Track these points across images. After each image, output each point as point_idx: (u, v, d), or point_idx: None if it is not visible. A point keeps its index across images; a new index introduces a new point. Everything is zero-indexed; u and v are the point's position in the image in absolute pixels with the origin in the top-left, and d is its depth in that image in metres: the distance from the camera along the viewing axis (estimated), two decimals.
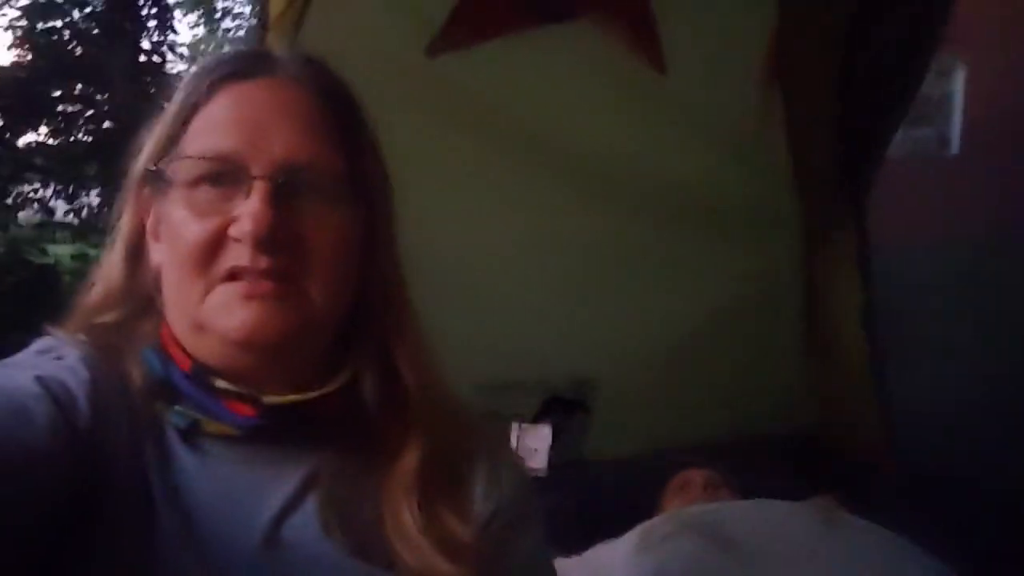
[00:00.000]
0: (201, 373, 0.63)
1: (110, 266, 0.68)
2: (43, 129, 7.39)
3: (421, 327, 0.70)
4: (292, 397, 0.63)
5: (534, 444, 2.13)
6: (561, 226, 1.92)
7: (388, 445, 0.66)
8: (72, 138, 7.57)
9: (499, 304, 1.94)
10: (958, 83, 5.98)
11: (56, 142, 7.44)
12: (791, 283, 2.04)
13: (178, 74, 7.97)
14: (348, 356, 0.66)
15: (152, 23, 7.77)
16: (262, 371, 0.63)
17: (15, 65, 7.33)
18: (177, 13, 7.77)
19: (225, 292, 0.61)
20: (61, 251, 6.95)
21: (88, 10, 7.51)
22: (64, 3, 7.54)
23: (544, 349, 2.02)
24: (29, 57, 7.42)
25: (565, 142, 1.80)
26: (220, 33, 10.36)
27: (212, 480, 0.62)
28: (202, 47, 10.27)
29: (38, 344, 0.67)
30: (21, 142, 7.20)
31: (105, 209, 6.54)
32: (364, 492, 0.64)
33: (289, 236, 0.61)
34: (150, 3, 7.56)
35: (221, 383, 0.62)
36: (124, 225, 0.68)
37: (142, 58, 7.63)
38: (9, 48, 7.68)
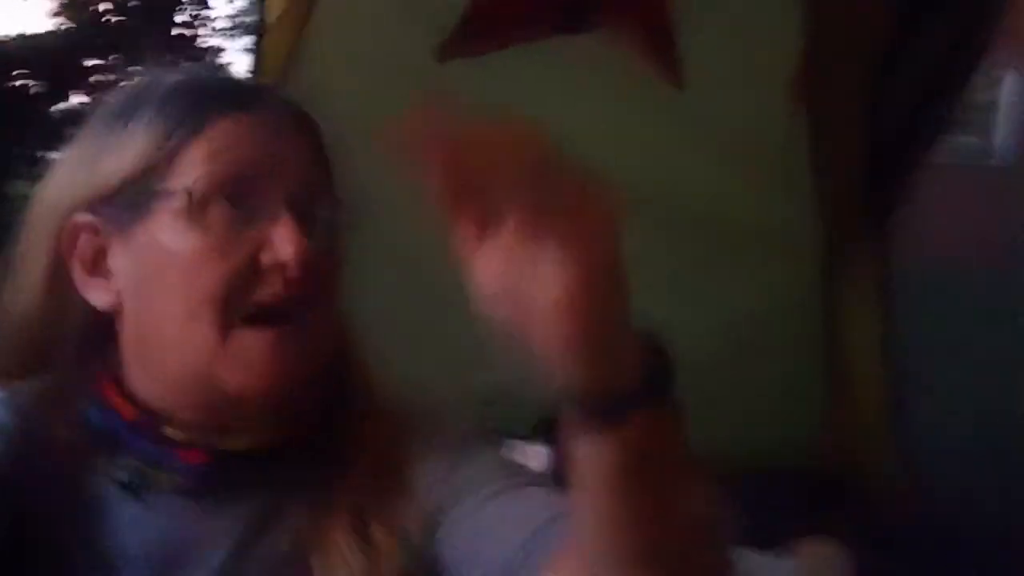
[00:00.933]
0: (149, 422, 0.59)
1: (21, 313, 0.62)
2: (75, 99, 7.49)
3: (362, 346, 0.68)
4: (247, 442, 0.60)
5: (530, 463, 2.09)
6: None
7: (331, 466, 0.63)
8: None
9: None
10: (1005, 90, 5.78)
11: (88, 112, 7.51)
12: (810, 307, 1.95)
13: (209, 48, 8.01)
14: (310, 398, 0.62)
15: None
16: (228, 419, 0.60)
17: (53, 33, 7.42)
18: None
19: (251, 340, 0.57)
20: None
21: None
22: None
23: (543, 366, 1.97)
24: (67, 25, 7.50)
25: (576, 154, 1.73)
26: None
27: (149, 534, 0.59)
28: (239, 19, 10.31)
29: None
30: (54, 112, 7.31)
31: None
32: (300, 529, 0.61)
33: (315, 271, 0.59)
34: None
35: (171, 431, 0.59)
36: (34, 264, 0.62)
37: (175, 31, 7.67)
38: (50, 16, 7.77)
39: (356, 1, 1.45)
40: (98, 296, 0.61)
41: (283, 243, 0.57)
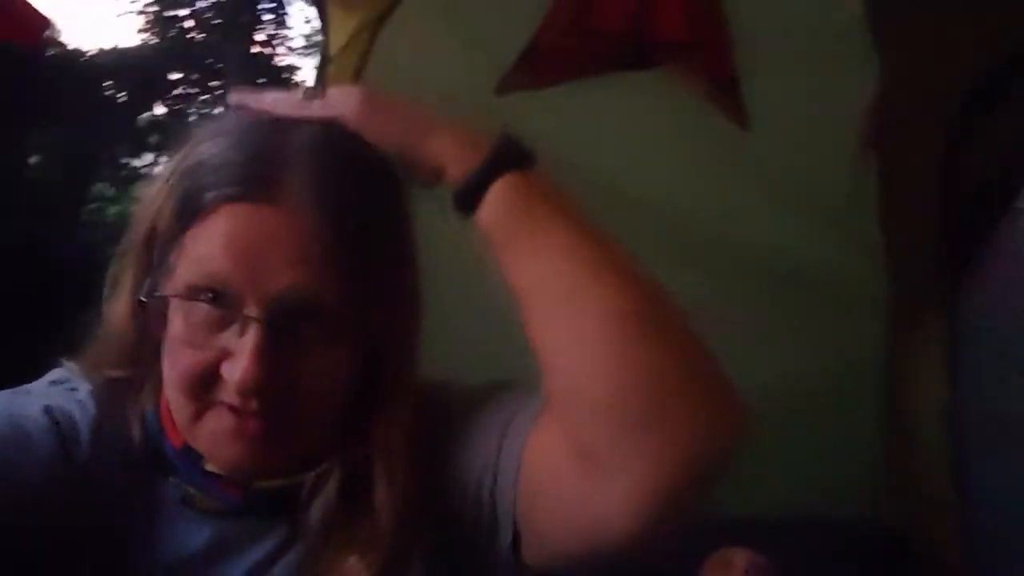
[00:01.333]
0: (191, 455, 0.63)
1: (117, 320, 0.66)
2: (159, 109, 7.86)
3: (410, 441, 0.65)
4: (279, 482, 0.63)
5: None
6: None
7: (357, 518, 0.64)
8: (185, 119, 8.01)
9: None
10: None
11: (170, 122, 7.89)
12: (873, 363, 1.86)
13: (287, 66, 8.28)
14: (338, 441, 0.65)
15: (267, 17, 8.11)
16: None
17: (141, 47, 7.82)
18: (290, 10, 8.10)
19: (216, 421, 0.60)
20: None
21: (212, 1, 7.92)
22: None
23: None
24: (154, 41, 7.89)
25: (635, 192, 1.70)
26: None
27: (191, 542, 0.63)
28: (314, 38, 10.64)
29: (52, 374, 0.68)
30: (139, 121, 7.68)
31: None
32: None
33: (281, 379, 0.59)
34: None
35: (210, 467, 0.63)
36: (129, 279, 0.65)
37: (254, 49, 7.97)
38: (139, 31, 8.19)
39: (417, 33, 1.46)
40: (155, 319, 0.63)
41: (237, 366, 0.57)
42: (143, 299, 0.62)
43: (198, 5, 7.89)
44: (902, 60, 1.36)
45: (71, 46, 7.39)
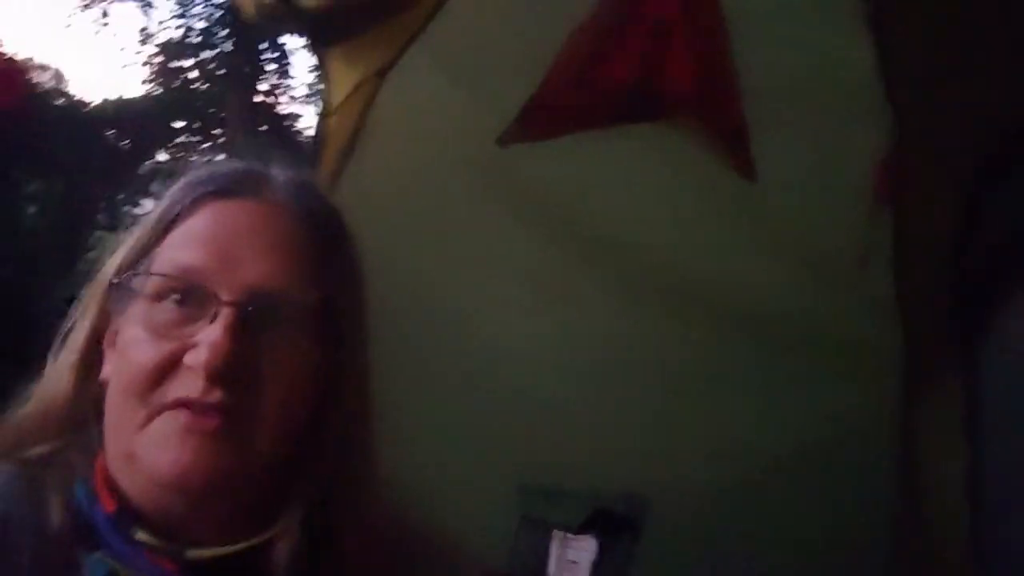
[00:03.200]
0: (124, 519, 0.59)
1: (55, 379, 0.64)
2: (161, 157, 7.93)
3: (377, 474, 0.66)
4: (216, 551, 0.59)
5: (575, 556, 1.98)
6: (630, 333, 1.78)
7: None
8: (186, 166, 8.06)
9: (554, 406, 1.81)
10: None
11: (172, 170, 7.93)
12: (886, 428, 1.80)
13: (289, 114, 8.39)
14: (287, 502, 0.61)
15: (271, 67, 8.25)
16: (190, 514, 0.60)
17: (144, 98, 7.93)
18: (293, 59, 8.26)
19: (166, 421, 0.57)
20: None
21: (216, 51, 8.05)
22: (196, 44, 8.12)
23: (598, 460, 1.87)
24: (158, 92, 8.00)
25: (640, 246, 1.67)
26: None
27: None
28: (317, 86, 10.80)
29: None
30: (141, 169, 7.73)
31: None
32: None
33: (247, 370, 0.58)
34: (270, 49, 8.02)
35: (142, 535, 0.59)
36: (79, 334, 0.65)
37: (257, 98, 8.08)
38: (143, 82, 8.31)
39: (420, 84, 1.44)
40: (106, 370, 0.63)
41: (202, 348, 0.56)
42: (115, 281, 0.61)
43: (202, 55, 8.03)
44: (914, 115, 1.33)
45: (76, 97, 7.49)
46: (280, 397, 0.59)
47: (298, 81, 8.38)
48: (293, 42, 8.02)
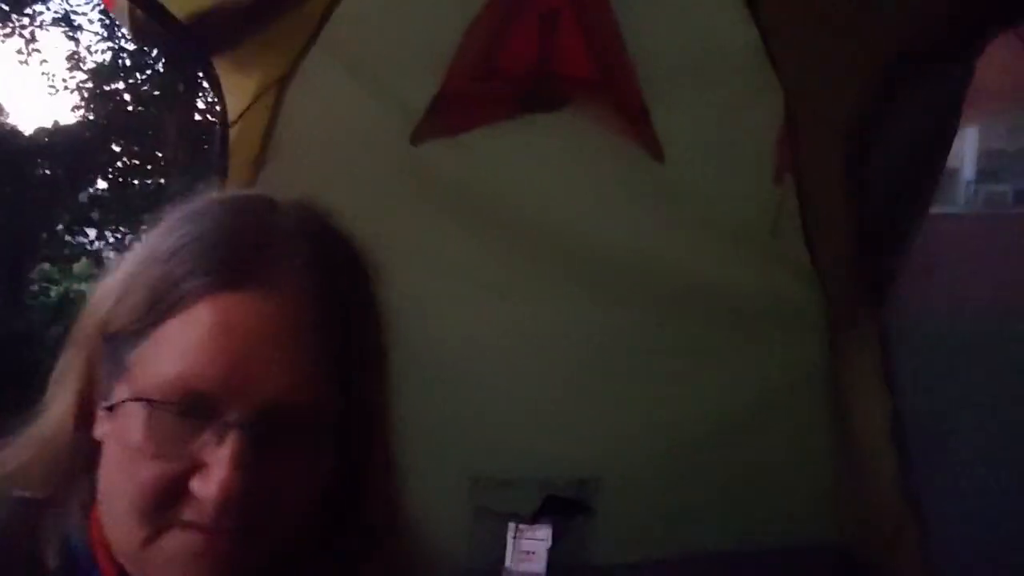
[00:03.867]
0: None
1: (49, 426, 0.59)
2: (101, 184, 7.74)
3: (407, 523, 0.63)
4: None
5: (531, 547, 2.00)
6: (561, 318, 1.81)
7: None
8: (128, 192, 7.88)
9: (496, 397, 1.83)
10: None
11: (113, 196, 7.75)
12: (815, 384, 1.86)
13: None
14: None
15: (207, 84, 8.09)
16: None
17: (79, 123, 7.73)
18: None
19: (176, 540, 0.52)
20: None
21: (148, 72, 7.88)
22: (128, 66, 7.94)
23: (545, 446, 1.90)
24: (92, 117, 7.80)
25: (559, 231, 1.70)
26: None
27: None
28: None
29: None
30: (81, 197, 7.54)
31: None
32: None
33: (261, 495, 0.52)
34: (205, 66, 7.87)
35: None
36: (70, 385, 0.59)
37: (196, 117, 7.93)
38: (73, 109, 8.10)
39: (325, 89, 1.44)
40: (98, 425, 0.57)
41: (211, 479, 0.51)
42: (109, 407, 0.54)
43: (136, 78, 7.85)
44: (799, 86, 1.38)
45: (9, 126, 7.28)
46: (294, 510, 0.55)
47: None
48: None
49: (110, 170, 7.96)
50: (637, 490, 1.92)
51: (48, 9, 8.21)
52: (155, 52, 7.44)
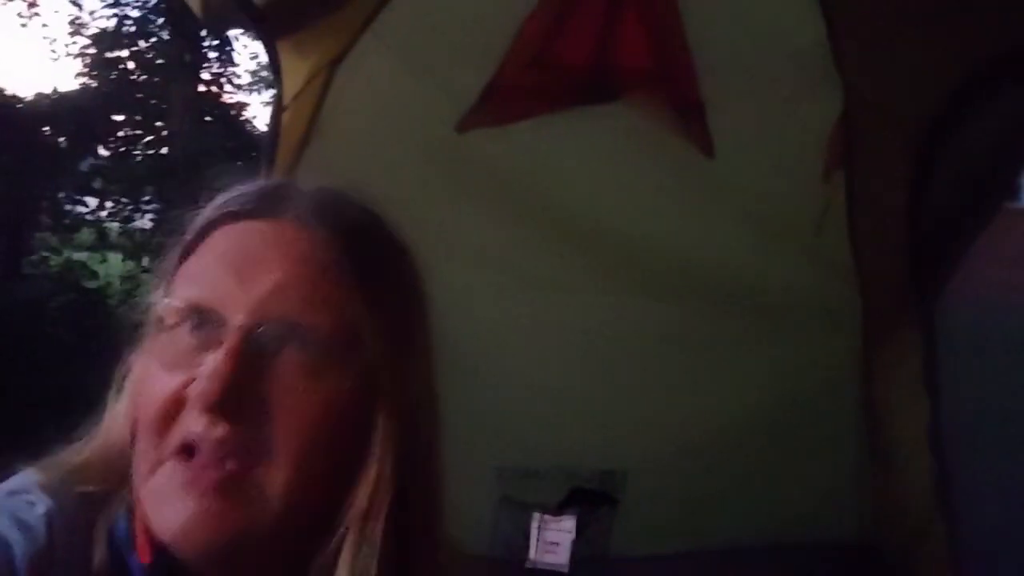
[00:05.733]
0: (160, 570, 0.54)
1: (112, 424, 0.59)
2: (103, 152, 7.64)
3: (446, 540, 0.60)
4: None
5: (556, 538, 2.00)
6: (596, 310, 1.79)
7: None
8: (130, 162, 7.80)
9: (526, 387, 1.82)
10: None
11: (114, 165, 7.67)
12: (848, 384, 1.85)
13: (234, 103, 8.15)
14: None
15: (213, 55, 7.99)
16: (219, 572, 0.54)
17: (81, 91, 7.62)
18: (236, 46, 7.99)
19: (165, 475, 0.53)
20: (112, 271, 7.11)
21: (153, 40, 7.76)
22: (132, 33, 7.82)
23: (572, 437, 1.89)
24: (95, 84, 7.69)
25: (602, 224, 1.68)
26: None
27: None
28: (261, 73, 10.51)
29: (13, 481, 0.58)
30: (82, 166, 7.45)
31: (158, 233, 6.73)
32: None
33: (254, 401, 0.52)
34: (211, 36, 7.77)
35: None
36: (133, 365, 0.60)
37: (201, 88, 7.83)
38: (76, 76, 7.98)
39: (375, 73, 1.41)
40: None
41: (203, 376, 0.51)
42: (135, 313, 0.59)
43: (139, 45, 7.73)
44: (863, 83, 1.36)
45: (8, 92, 7.17)
46: (299, 432, 0.52)
47: (242, 69, 8.12)
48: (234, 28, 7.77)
49: (111, 139, 7.86)
50: (662, 482, 1.92)
51: None
52: (160, 20, 7.32)
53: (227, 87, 8.31)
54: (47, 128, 7.22)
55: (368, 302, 0.57)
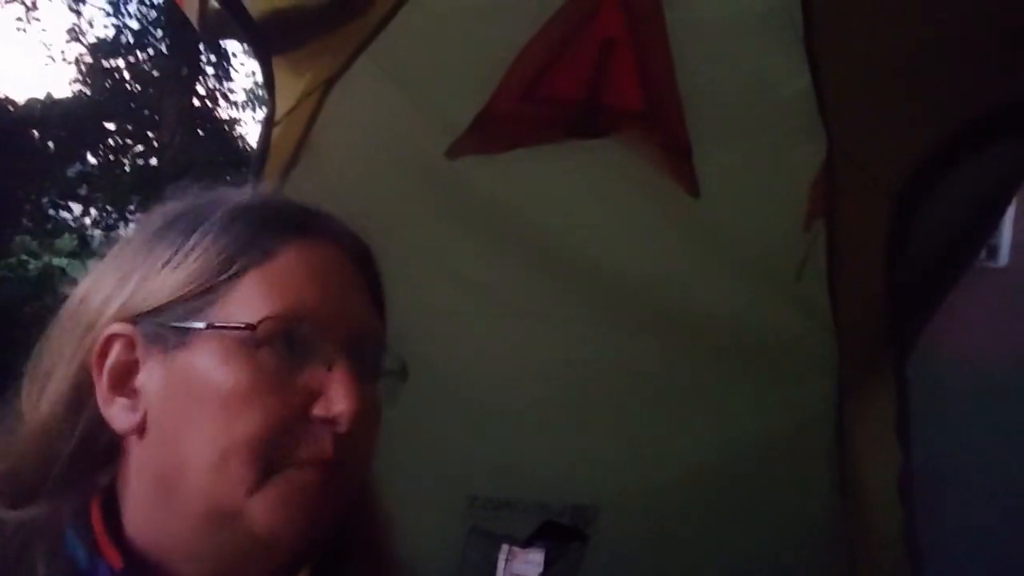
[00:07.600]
0: (133, 572, 0.53)
1: (34, 432, 0.57)
2: (91, 160, 7.61)
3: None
4: None
5: (523, 570, 1.98)
6: (574, 342, 1.80)
7: None
8: (118, 170, 7.77)
9: (501, 418, 1.82)
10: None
11: (102, 173, 7.64)
12: (822, 429, 1.87)
13: (228, 119, 8.17)
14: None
15: (210, 70, 8.02)
16: (238, 568, 0.55)
17: (74, 98, 7.61)
18: (234, 62, 8.03)
19: (292, 482, 0.53)
20: None
21: (151, 52, 7.80)
22: (131, 44, 7.85)
23: (546, 469, 1.89)
24: (88, 92, 7.69)
25: (585, 257, 1.69)
26: None
27: None
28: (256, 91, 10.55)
29: None
30: (69, 172, 7.41)
31: None
32: None
33: (360, 422, 0.56)
34: (209, 51, 7.81)
35: None
36: (61, 383, 0.57)
37: (195, 102, 7.85)
38: (71, 83, 7.98)
39: (368, 94, 1.42)
40: (120, 415, 0.56)
41: (338, 398, 0.54)
42: (214, 324, 0.54)
43: (137, 55, 7.75)
44: (846, 134, 1.39)
45: (1, 95, 7.15)
46: (372, 444, 0.58)
47: (238, 85, 8.18)
48: (233, 44, 7.83)
49: (101, 147, 7.84)
50: (633, 520, 1.91)
51: None
52: (160, 33, 7.35)
53: (222, 102, 8.35)
54: (36, 131, 7.18)
55: (382, 318, 0.63)
